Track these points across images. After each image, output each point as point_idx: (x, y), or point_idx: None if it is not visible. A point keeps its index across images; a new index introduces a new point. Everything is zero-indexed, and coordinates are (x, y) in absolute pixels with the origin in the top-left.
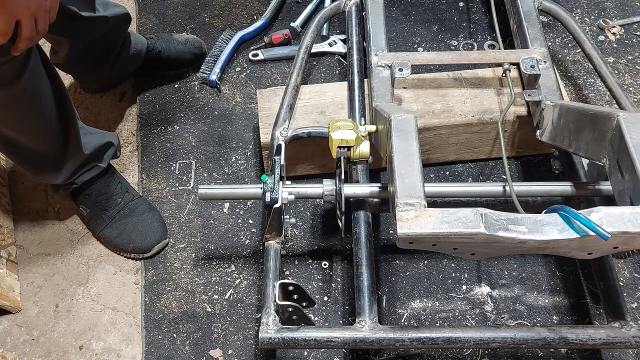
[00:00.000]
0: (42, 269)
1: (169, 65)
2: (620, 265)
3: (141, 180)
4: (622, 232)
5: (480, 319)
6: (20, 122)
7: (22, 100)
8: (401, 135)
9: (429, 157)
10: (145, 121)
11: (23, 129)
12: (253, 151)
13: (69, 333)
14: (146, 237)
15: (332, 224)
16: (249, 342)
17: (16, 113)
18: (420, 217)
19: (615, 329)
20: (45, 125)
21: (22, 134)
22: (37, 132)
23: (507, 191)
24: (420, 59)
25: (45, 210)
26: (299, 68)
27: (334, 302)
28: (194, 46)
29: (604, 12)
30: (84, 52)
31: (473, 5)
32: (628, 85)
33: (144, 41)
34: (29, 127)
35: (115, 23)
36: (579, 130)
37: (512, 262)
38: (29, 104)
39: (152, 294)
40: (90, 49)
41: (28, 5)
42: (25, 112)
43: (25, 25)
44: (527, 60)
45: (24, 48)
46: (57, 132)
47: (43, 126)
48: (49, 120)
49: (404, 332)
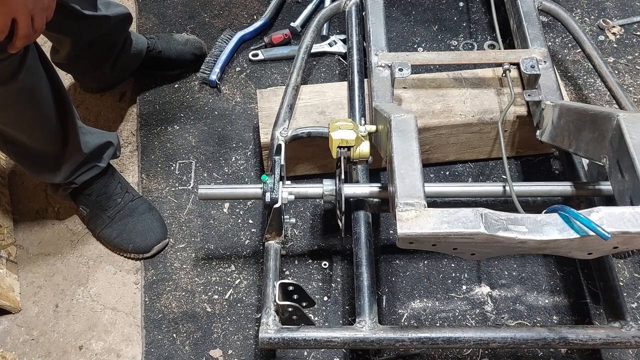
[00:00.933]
0: (42, 269)
1: (169, 66)
2: (620, 265)
3: (141, 180)
4: (622, 232)
5: (480, 319)
6: (18, 120)
7: (20, 98)
8: (401, 135)
9: (429, 157)
10: (145, 121)
11: (21, 127)
12: (253, 151)
13: (69, 333)
14: (146, 237)
15: (332, 224)
16: (249, 342)
17: (14, 111)
18: (420, 217)
19: (615, 329)
20: (44, 123)
21: (20, 132)
22: (36, 130)
23: (507, 191)
24: (420, 59)
25: (45, 210)
26: (299, 68)
27: (334, 302)
28: (194, 46)
29: (604, 12)
30: (85, 51)
31: (473, 5)
32: (628, 85)
33: (144, 41)
34: (28, 125)
35: (116, 22)
36: (579, 130)
37: (512, 262)
38: (27, 102)
39: (152, 294)
40: (91, 48)
41: (25, 3)
42: (23, 110)
43: (22, 23)
44: (527, 60)
45: (21, 46)
46: (56, 130)
47: (42, 124)
48: (47, 118)
49: (404, 332)
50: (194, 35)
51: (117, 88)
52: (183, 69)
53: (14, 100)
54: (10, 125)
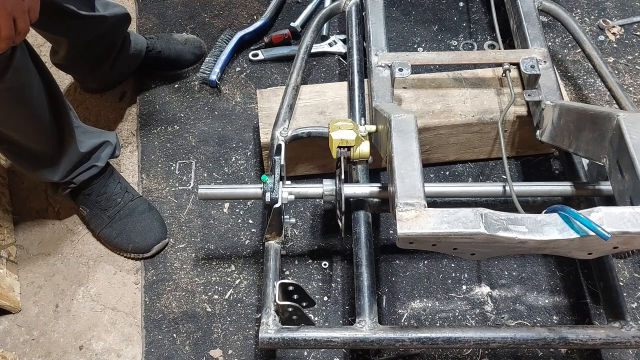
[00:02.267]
0: (42, 269)
1: (168, 65)
2: (620, 265)
3: (141, 180)
4: (622, 232)
5: (480, 319)
6: (9, 119)
7: (10, 97)
8: (401, 135)
9: (429, 157)
10: (145, 121)
11: (14, 126)
12: (253, 151)
13: (69, 333)
14: (146, 237)
15: (332, 224)
16: (249, 342)
17: (4, 110)
18: (420, 217)
19: (615, 329)
20: (37, 122)
21: (14, 131)
22: (29, 129)
23: (507, 191)
24: (420, 59)
25: (45, 210)
26: (299, 68)
27: (334, 302)
28: (193, 46)
29: (604, 12)
30: (83, 51)
31: (473, 5)
32: (628, 85)
33: (144, 41)
34: (20, 124)
35: (114, 22)
36: (579, 130)
37: (512, 262)
38: (17, 102)
39: (152, 294)
40: (89, 49)
41: (3, 5)
42: (14, 109)
43: (2, 25)
44: (527, 60)
45: (5, 47)
46: (51, 129)
47: (34, 123)
48: (40, 117)
49: (404, 332)
50: (194, 35)
51: (117, 88)
52: (183, 69)
53: (4, 100)
54: (2, 125)
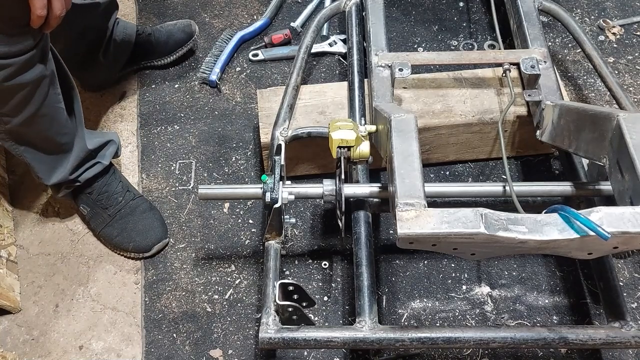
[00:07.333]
0: (42, 269)
1: (161, 49)
2: (620, 265)
3: (141, 180)
4: (622, 232)
5: (480, 319)
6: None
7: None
8: (401, 135)
9: (429, 157)
10: (145, 121)
11: (40, 120)
12: (253, 151)
13: (69, 333)
14: (146, 237)
15: (332, 224)
16: (249, 342)
17: (40, 97)
18: (420, 217)
19: (615, 329)
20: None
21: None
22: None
23: (507, 191)
24: (420, 59)
25: (45, 210)
26: (299, 68)
27: (334, 302)
28: (183, 24)
29: (604, 12)
30: (78, 41)
31: (473, 5)
32: (628, 85)
33: (133, 26)
34: (46, 119)
35: (104, 8)
36: (579, 130)
37: (512, 262)
38: (50, 85)
39: (152, 293)
40: (84, 38)
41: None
42: (46, 97)
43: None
44: (527, 60)
45: (55, 25)
46: (66, 119)
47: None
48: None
49: (404, 332)
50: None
51: (117, 88)
52: (176, 50)
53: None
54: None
